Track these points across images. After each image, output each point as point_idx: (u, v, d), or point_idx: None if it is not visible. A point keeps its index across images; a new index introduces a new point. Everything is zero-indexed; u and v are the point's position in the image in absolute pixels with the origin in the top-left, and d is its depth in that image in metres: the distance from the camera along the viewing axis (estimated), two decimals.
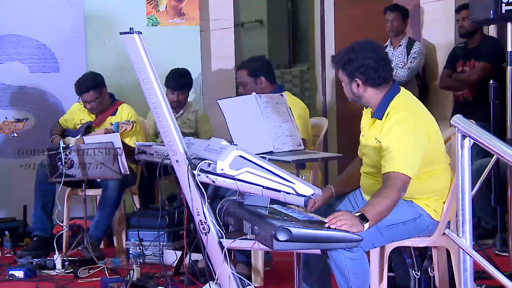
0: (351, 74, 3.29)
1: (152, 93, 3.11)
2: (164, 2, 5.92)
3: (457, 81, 5.44)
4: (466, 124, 2.73)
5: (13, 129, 4.91)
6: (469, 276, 2.78)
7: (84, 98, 5.13)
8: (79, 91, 5.15)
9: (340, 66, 3.31)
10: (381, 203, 3.08)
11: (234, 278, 3.09)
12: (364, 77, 3.26)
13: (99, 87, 5.14)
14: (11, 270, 4.50)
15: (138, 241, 4.77)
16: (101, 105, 5.17)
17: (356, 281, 3.09)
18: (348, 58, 3.27)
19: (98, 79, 5.18)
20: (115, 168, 4.63)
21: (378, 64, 3.25)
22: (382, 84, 3.29)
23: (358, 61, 3.25)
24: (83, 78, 5.22)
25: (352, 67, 3.27)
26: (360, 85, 3.29)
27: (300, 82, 8.50)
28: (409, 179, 3.14)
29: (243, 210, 3.07)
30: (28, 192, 5.15)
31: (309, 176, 4.37)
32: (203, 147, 3.10)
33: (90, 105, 5.13)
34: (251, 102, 4.02)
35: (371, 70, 3.25)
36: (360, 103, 3.37)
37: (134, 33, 3.06)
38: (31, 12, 5.75)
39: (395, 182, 3.11)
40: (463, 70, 5.44)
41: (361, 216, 3.01)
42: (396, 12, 5.90)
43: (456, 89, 5.48)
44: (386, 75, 3.29)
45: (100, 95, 5.14)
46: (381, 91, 3.30)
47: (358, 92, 3.31)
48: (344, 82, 3.35)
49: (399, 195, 3.12)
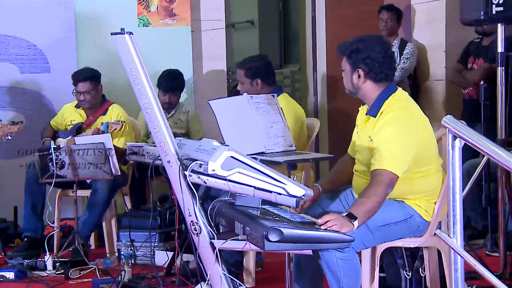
0: (355, 63, 3.30)
1: (144, 93, 3.10)
2: (155, 2, 5.91)
3: (464, 78, 5.44)
4: (457, 124, 2.74)
5: (7, 131, 4.89)
6: (460, 276, 2.79)
7: (79, 89, 5.12)
8: (76, 79, 5.15)
9: (346, 54, 3.33)
10: (368, 200, 3.09)
11: (225, 279, 3.09)
12: (368, 69, 3.28)
13: (95, 80, 5.16)
14: (1, 271, 4.48)
15: (130, 242, 4.76)
16: (94, 100, 5.16)
17: (347, 282, 3.09)
18: (356, 47, 3.29)
19: (96, 73, 5.22)
20: (106, 169, 4.62)
21: (384, 59, 3.27)
22: (383, 80, 3.31)
23: (365, 52, 3.27)
24: (81, 69, 5.28)
25: (358, 57, 3.28)
26: (361, 76, 3.30)
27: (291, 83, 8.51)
28: (397, 177, 3.14)
29: (234, 211, 3.07)
30: (18, 193, 5.13)
31: (300, 177, 4.38)
32: (195, 147, 3.10)
33: (83, 96, 5.12)
34: (242, 102, 4.02)
35: (376, 63, 3.27)
36: (357, 96, 3.38)
37: (125, 34, 3.05)
38: (22, 13, 5.73)
39: (382, 178, 3.12)
40: (472, 67, 5.43)
41: (349, 215, 3.02)
42: (391, 12, 5.90)
43: (463, 85, 5.47)
44: (389, 73, 3.31)
45: (96, 90, 5.15)
46: (379, 88, 3.31)
47: (358, 83, 3.32)
48: (346, 72, 3.36)
49: (386, 192, 3.12)
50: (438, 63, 5.88)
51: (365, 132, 3.36)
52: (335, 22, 6.60)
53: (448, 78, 5.72)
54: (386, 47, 3.33)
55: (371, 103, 3.34)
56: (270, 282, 4.31)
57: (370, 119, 3.33)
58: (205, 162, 2.90)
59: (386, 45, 3.36)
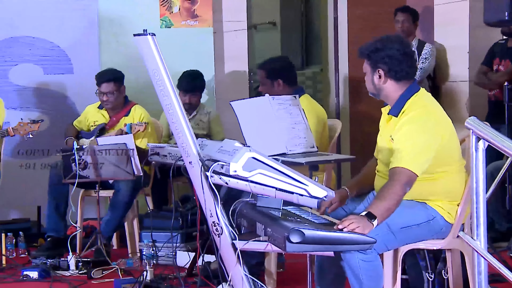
0: (375, 63, 3.29)
1: (166, 94, 3.11)
2: (177, 4, 5.93)
3: (489, 80, 5.39)
4: (481, 126, 2.72)
5: (29, 130, 4.93)
6: (483, 279, 2.77)
7: (103, 89, 5.15)
8: (99, 80, 5.18)
9: (366, 55, 3.32)
10: (386, 198, 3.07)
11: (247, 280, 3.09)
12: (387, 67, 3.26)
13: (119, 81, 5.20)
14: (25, 271, 4.52)
15: (152, 242, 4.77)
16: (116, 101, 5.19)
17: (369, 283, 3.08)
18: (375, 47, 3.29)
19: (119, 74, 5.25)
20: (128, 169, 4.64)
21: (403, 57, 3.26)
22: (403, 79, 3.29)
23: (384, 51, 3.26)
24: (106, 69, 5.32)
25: (377, 56, 3.28)
26: (381, 76, 3.29)
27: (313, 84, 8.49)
28: (415, 176, 3.12)
29: (256, 212, 3.07)
30: (42, 193, 5.17)
31: (322, 178, 4.36)
32: (216, 148, 3.10)
33: (106, 97, 5.15)
34: (264, 103, 4.02)
35: (395, 61, 3.25)
36: (380, 97, 3.37)
37: (147, 35, 3.06)
38: (45, 14, 5.78)
39: (399, 177, 3.10)
40: (498, 69, 5.39)
41: (368, 215, 3.00)
42: (407, 14, 5.90)
43: (488, 87, 5.43)
44: (409, 70, 3.29)
45: (118, 91, 5.18)
46: (401, 87, 3.29)
47: (379, 83, 3.31)
48: (367, 74, 3.35)
49: (404, 190, 3.10)
50: (461, 64, 5.83)
51: (387, 132, 3.34)
52: (357, 23, 6.58)
53: (472, 79, 5.68)
54: (405, 45, 3.31)
55: (393, 103, 3.32)
56: (292, 284, 4.31)
57: (392, 118, 3.32)
58: (227, 163, 2.90)
59: (405, 43, 3.34)
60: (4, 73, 5.77)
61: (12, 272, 4.61)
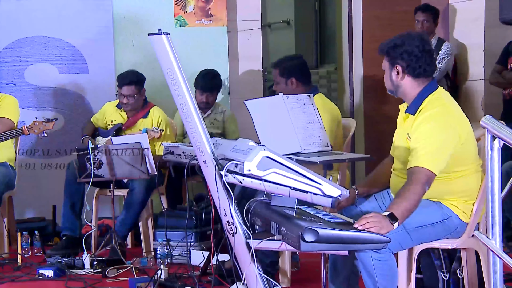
0: (393, 59, 3.28)
1: (180, 93, 3.12)
2: (192, 3, 5.94)
3: (504, 79, 5.36)
4: (496, 125, 2.70)
5: (43, 129, 4.96)
6: (498, 279, 2.75)
7: (124, 92, 5.16)
8: (121, 82, 5.19)
9: (385, 52, 3.31)
10: (407, 199, 3.05)
11: (261, 279, 3.09)
12: (406, 63, 3.25)
13: (140, 85, 5.21)
14: (40, 269, 4.54)
15: (166, 241, 4.79)
16: (136, 104, 5.21)
17: (383, 283, 3.07)
18: (394, 43, 3.28)
19: (141, 77, 5.25)
20: (143, 168, 4.66)
21: (422, 54, 3.24)
22: (422, 76, 3.27)
23: (402, 47, 3.25)
24: (128, 71, 5.31)
25: (395, 52, 3.27)
26: (399, 73, 3.28)
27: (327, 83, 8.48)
28: (434, 175, 3.11)
29: (270, 211, 3.07)
30: (57, 192, 5.20)
31: (336, 177, 4.36)
32: (231, 147, 3.11)
33: (126, 99, 5.16)
34: (278, 102, 4.02)
35: (413, 57, 3.24)
36: (397, 95, 3.35)
37: (162, 34, 3.07)
38: (60, 14, 5.81)
39: (419, 176, 3.09)
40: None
41: (391, 215, 2.99)
42: (427, 13, 5.83)
43: (503, 86, 5.39)
44: (428, 68, 3.27)
45: (139, 94, 5.20)
46: (419, 85, 3.28)
47: (397, 80, 3.29)
48: (386, 70, 3.34)
49: (423, 190, 3.09)
50: (477, 63, 5.80)
51: (403, 130, 3.33)
52: (371, 22, 6.56)
53: (487, 78, 5.65)
54: (425, 42, 3.29)
55: (410, 101, 3.31)
56: (306, 283, 4.30)
57: (409, 117, 3.30)
58: (241, 162, 2.91)
59: (425, 41, 3.31)
60: (19, 73, 5.81)
61: (27, 270, 4.63)
